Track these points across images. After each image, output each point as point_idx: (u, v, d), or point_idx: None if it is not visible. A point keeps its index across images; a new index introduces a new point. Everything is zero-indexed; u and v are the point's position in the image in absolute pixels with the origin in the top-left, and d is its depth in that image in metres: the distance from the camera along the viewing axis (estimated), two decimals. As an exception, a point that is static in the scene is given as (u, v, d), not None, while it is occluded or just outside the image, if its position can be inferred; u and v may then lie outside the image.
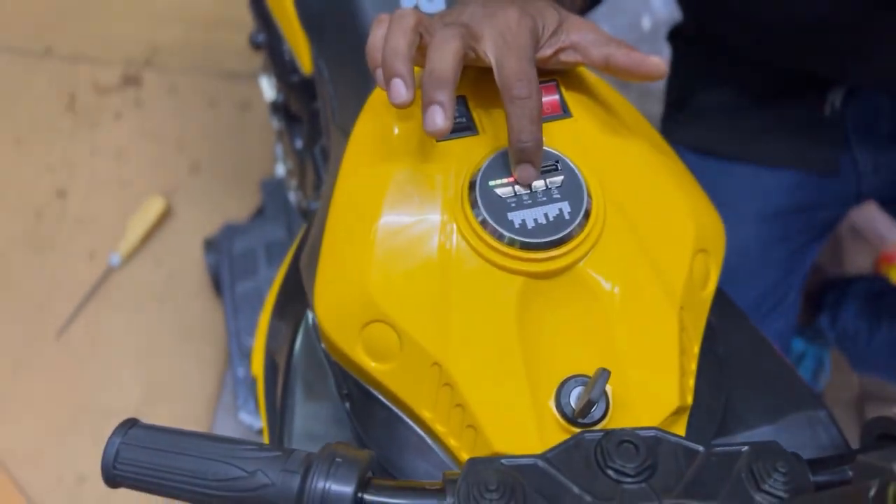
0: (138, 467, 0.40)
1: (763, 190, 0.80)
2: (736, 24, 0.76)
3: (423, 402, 0.45)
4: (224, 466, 0.39)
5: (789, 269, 0.82)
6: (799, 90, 0.80)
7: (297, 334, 0.59)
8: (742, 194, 0.81)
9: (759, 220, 0.80)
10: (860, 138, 0.80)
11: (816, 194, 0.81)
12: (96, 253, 1.19)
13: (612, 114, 0.52)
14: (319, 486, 0.37)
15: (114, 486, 0.41)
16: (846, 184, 0.81)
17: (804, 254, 0.83)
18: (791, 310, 0.82)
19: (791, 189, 0.80)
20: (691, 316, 0.48)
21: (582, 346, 0.45)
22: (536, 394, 0.43)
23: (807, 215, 0.82)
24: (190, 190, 1.26)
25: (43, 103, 1.30)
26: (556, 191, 0.45)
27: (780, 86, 0.81)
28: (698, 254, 0.49)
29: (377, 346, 0.46)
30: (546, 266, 0.44)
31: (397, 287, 0.45)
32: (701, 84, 0.86)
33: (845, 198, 0.83)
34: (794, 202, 0.80)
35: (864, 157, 0.80)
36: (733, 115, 0.83)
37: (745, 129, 0.82)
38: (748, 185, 0.81)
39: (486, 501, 0.36)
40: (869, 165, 0.80)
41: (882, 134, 0.79)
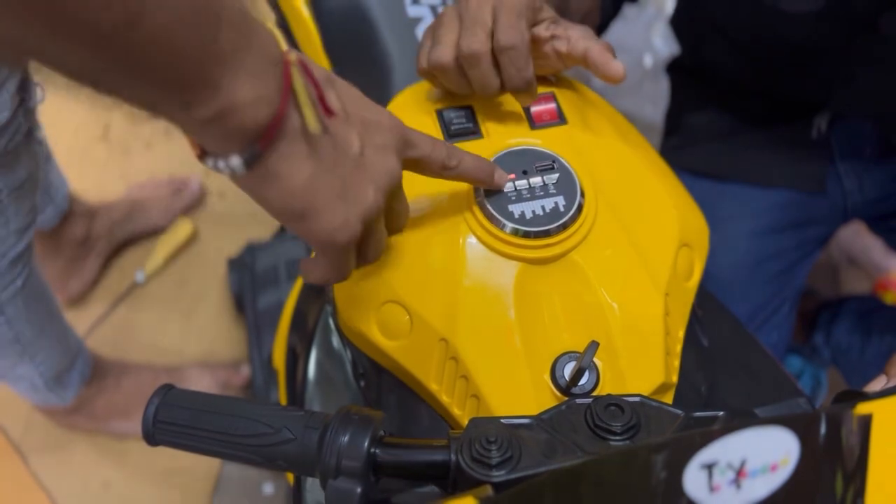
0: (174, 426, 0.44)
1: (755, 208, 0.85)
2: (726, 51, 0.82)
3: (431, 375, 0.49)
4: (252, 423, 0.43)
5: (782, 283, 0.86)
6: (787, 115, 0.86)
7: (316, 327, 0.64)
8: (735, 212, 0.86)
9: (752, 237, 0.85)
10: (845, 159, 0.85)
11: (806, 212, 0.86)
12: (124, 271, 1.25)
13: (603, 122, 0.57)
14: (337, 441, 0.40)
15: (153, 443, 0.45)
16: (834, 201, 0.86)
17: (796, 269, 0.87)
18: (785, 323, 0.86)
19: (781, 207, 0.85)
20: (676, 303, 0.52)
21: (575, 327, 0.49)
22: (533, 367, 0.48)
23: (797, 232, 0.86)
24: (215, 214, 1.32)
25: (80, 134, 1.38)
26: (552, 187, 0.51)
27: (769, 111, 0.87)
28: (682, 247, 0.54)
29: (390, 325, 0.50)
30: (542, 253, 0.49)
31: (409, 271, 0.50)
32: (696, 111, 0.92)
33: (833, 215, 0.87)
34: (784, 220, 0.85)
35: (850, 176, 0.85)
36: (726, 138, 0.89)
37: (737, 151, 0.88)
38: (741, 204, 0.86)
39: (486, 451, 0.40)
40: (854, 184, 0.85)
41: (866, 155, 0.84)
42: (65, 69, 0.29)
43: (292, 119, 0.35)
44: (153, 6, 0.28)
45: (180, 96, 0.32)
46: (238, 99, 0.33)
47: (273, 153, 0.35)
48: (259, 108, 0.34)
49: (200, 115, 0.33)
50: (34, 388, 0.92)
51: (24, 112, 0.65)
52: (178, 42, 0.29)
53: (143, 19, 0.27)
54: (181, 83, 0.31)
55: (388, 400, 0.54)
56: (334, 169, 0.38)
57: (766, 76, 0.81)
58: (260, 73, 0.34)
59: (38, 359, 0.86)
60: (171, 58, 0.30)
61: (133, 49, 0.28)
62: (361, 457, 0.40)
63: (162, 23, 0.28)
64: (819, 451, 0.34)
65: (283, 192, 0.37)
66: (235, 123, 0.33)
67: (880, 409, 0.37)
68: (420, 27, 0.70)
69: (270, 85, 0.34)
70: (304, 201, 0.38)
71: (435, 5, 0.71)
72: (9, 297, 0.76)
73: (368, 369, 0.55)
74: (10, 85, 0.62)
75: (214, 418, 0.44)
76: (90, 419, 1.05)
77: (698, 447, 0.32)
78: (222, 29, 0.31)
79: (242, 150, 0.35)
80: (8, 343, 0.81)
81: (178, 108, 0.32)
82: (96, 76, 0.30)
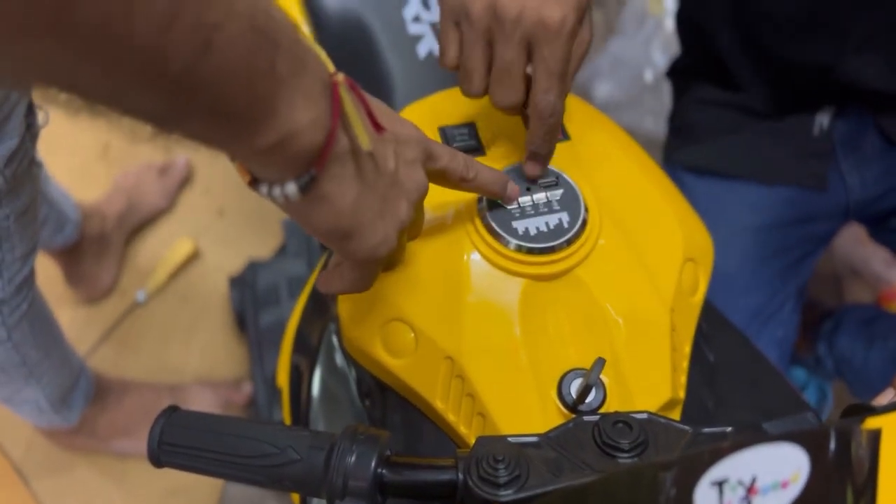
0: (180, 447, 0.44)
1: (758, 205, 0.86)
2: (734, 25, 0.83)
3: (437, 393, 0.49)
4: (257, 444, 0.43)
5: (786, 279, 0.87)
6: (790, 112, 0.87)
7: (319, 346, 0.64)
8: (739, 209, 0.87)
9: (756, 233, 0.86)
10: (847, 156, 0.86)
11: (808, 208, 0.87)
12: (126, 291, 1.25)
13: (606, 137, 0.57)
14: (343, 461, 0.40)
15: (159, 465, 0.45)
16: (836, 198, 0.87)
17: (800, 265, 0.88)
18: (790, 319, 0.87)
19: (785, 203, 0.86)
20: (682, 319, 0.52)
21: (581, 343, 0.49)
22: (540, 384, 0.47)
23: (801, 228, 0.87)
24: (216, 232, 1.32)
25: (79, 153, 1.38)
26: (556, 203, 0.51)
27: (771, 108, 0.88)
28: (687, 262, 0.54)
29: (395, 343, 0.50)
30: (547, 269, 0.49)
31: (413, 289, 0.50)
32: (698, 110, 0.93)
33: (836, 211, 0.88)
34: (788, 216, 0.86)
35: (851, 172, 0.86)
36: (729, 136, 0.90)
37: (740, 149, 0.89)
38: (745, 201, 0.87)
39: (493, 470, 0.39)
40: (856, 180, 0.86)
41: (866, 151, 0.85)
42: (133, 112, 0.29)
43: (341, 141, 0.36)
44: (218, 37, 0.27)
45: (243, 127, 0.32)
46: (295, 124, 0.33)
47: (326, 176, 0.36)
48: (315, 131, 0.34)
49: (261, 143, 0.32)
50: (40, 410, 0.91)
51: (30, 137, 0.65)
52: (242, 71, 0.29)
53: (210, 52, 0.27)
54: (244, 114, 0.31)
55: (394, 419, 0.53)
56: (376, 187, 0.39)
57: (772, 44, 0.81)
58: (314, 95, 0.33)
59: (43, 381, 0.86)
60: (235, 88, 0.30)
61: (201, 83, 0.28)
62: (368, 477, 0.40)
63: (225, 53, 0.28)
64: (829, 466, 0.34)
65: (331, 213, 0.37)
66: (295, 149, 0.33)
67: (889, 423, 0.37)
68: (421, 45, 0.71)
69: (322, 107, 0.34)
70: (351, 221, 0.38)
71: (435, 22, 0.72)
72: (15, 322, 0.76)
73: (373, 388, 0.55)
74: (19, 110, 0.62)
75: (219, 439, 0.44)
76: (92, 439, 1.05)
77: (708, 465, 0.32)
78: (280, 54, 0.31)
79: (299, 176, 0.35)
80: (15, 367, 0.81)
81: (240, 139, 0.32)
82: (164, 116, 0.30)
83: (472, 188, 0.47)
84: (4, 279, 0.71)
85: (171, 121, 0.31)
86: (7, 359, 0.79)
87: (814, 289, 1.27)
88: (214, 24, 0.27)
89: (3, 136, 0.61)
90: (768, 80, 0.85)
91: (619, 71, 1.39)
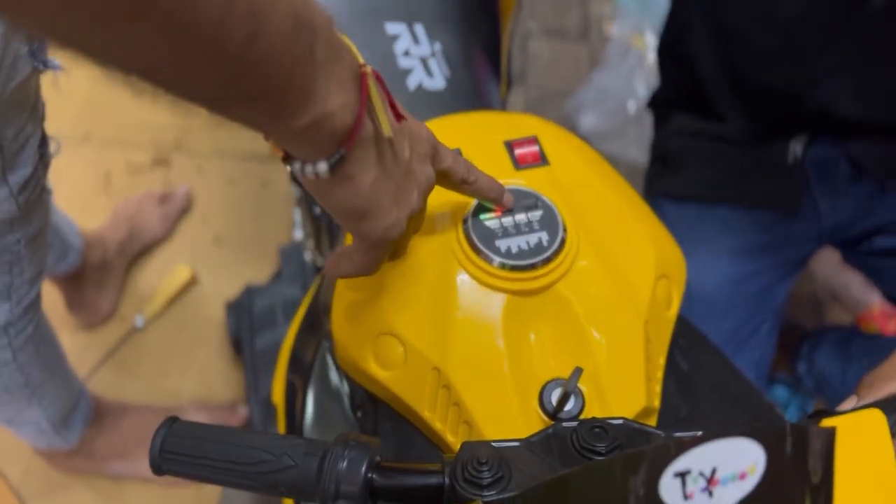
0: (180, 455, 0.46)
1: (736, 229, 0.90)
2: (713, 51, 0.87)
3: (424, 403, 0.51)
4: (254, 452, 0.45)
5: (763, 301, 0.90)
6: (765, 140, 0.91)
7: (314, 364, 0.67)
8: (717, 234, 0.91)
9: (734, 256, 0.89)
10: (819, 182, 0.90)
11: (783, 233, 0.90)
12: (125, 316, 1.27)
13: (584, 163, 0.61)
14: (336, 467, 0.42)
15: (160, 473, 0.47)
16: (809, 222, 0.91)
17: (775, 288, 0.92)
18: (767, 340, 0.90)
19: (761, 228, 0.90)
20: (656, 331, 0.55)
21: (561, 355, 0.51)
22: (522, 393, 0.50)
23: (776, 252, 0.91)
24: (213, 259, 1.35)
25: (82, 182, 1.41)
26: (536, 223, 0.54)
27: (747, 137, 0.92)
28: (661, 279, 0.57)
29: (385, 356, 0.53)
30: (528, 285, 0.52)
31: (403, 305, 0.53)
32: (678, 140, 0.97)
33: (809, 235, 0.92)
34: (763, 240, 0.90)
35: (823, 198, 0.90)
36: (707, 164, 0.94)
37: (717, 176, 0.93)
38: (722, 226, 0.91)
39: (478, 473, 0.41)
40: (828, 206, 0.90)
41: (837, 178, 0.89)
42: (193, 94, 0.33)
43: (367, 126, 0.39)
44: (266, 23, 0.31)
45: (284, 108, 0.35)
46: (329, 106, 0.36)
47: (351, 156, 0.39)
48: (345, 114, 0.37)
49: (299, 124, 0.36)
50: (40, 431, 0.93)
51: (42, 166, 0.69)
52: (286, 55, 0.33)
53: (259, 36, 0.31)
54: (285, 95, 0.34)
55: (384, 429, 0.56)
56: (392, 173, 0.43)
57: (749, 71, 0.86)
58: (346, 81, 0.37)
59: (45, 402, 0.88)
60: (279, 70, 0.33)
61: (251, 65, 0.32)
62: (359, 481, 0.42)
63: (272, 38, 0.32)
64: (785, 461, 0.36)
65: (352, 193, 0.41)
66: (328, 130, 0.37)
67: (844, 423, 0.40)
68: (410, 78, 0.74)
69: (352, 93, 0.38)
70: (368, 201, 0.42)
71: (425, 56, 0.76)
72: (21, 344, 0.78)
73: (365, 401, 0.57)
74: (34, 141, 0.65)
75: (218, 447, 0.46)
76: (89, 461, 1.06)
77: (672, 457, 0.35)
78: (318, 42, 0.35)
79: (330, 156, 0.38)
80: (18, 388, 0.83)
81: (280, 119, 0.36)
82: (218, 96, 0.33)
83: (471, 191, 0.51)
84: (13, 301, 0.74)
85: (224, 100, 0.34)
86: (12, 380, 0.81)
87: (795, 311, 1.30)
88: (263, 11, 0.31)
89: (18, 165, 0.64)
90: (745, 108, 0.89)
91: (603, 102, 1.44)
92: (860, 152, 0.86)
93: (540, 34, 1.75)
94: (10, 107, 0.60)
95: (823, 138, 0.89)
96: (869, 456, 0.40)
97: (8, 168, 0.64)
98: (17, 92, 0.60)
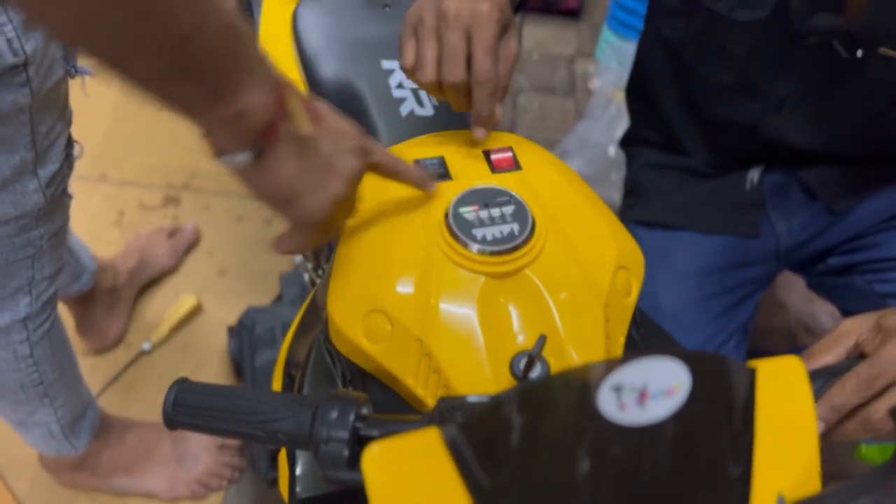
0: (189, 408, 0.53)
1: (700, 251, 0.97)
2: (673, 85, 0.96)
3: (408, 371, 0.58)
4: (257, 404, 0.52)
5: (729, 317, 0.96)
6: (725, 170, 0.99)
7: (309, 356, 0.73)
8: (684, 256, 0.98)
9: (699, 276, 0.96)
10: (775, 206, 0.98)
11: (744, 254, 0.97)
12: (131, 343, 1.34)
13: (553, 169, 0.69)
14: (327, 416, 0.48)
15: (172, 426, 0.54)
16: (768, 244, 0.98)
17: (741, 304, 0.98)
18: (735, 354, 0.96)
19: (723, 250, 0.97)
20: (615, 313, 0.62)
21: (529, 329, 0.58)
22: (495, 362, 0.56)
23: (738, 271, 0.98)
24: (218, 290, 1.42)
25: (97, 218, 1.50)
26: (509, 216, 0.61)
27: (709, 168, 1.01)
28: (620, 269, 0.64)
29: (374, 331, 0.59)
30: (501, 268, 0.59)
31: (389, 286, 0.60)
32: (647, 173, 1.06)
33: (768, 256, 0.99)
34: (726, 261, 0.97)
35: (780, 221, 0.98)
36: (673, 194, 1.02)
37: (683, 203, 1.01)
38: (688, 248, 0.98)
39: (451, 416, 0.48)
40: (783, 228, 0.98)
41: (791, 203, 0.97)
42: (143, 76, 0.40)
43: (285, 125, 0.47)
44: (205, 22, 0.40)
45: (213, 97, 0.43)
46: (251, 102, 0.44)
47: (271, 151, 0.47)
48: (265, 112, 0.45)
49: (225, 113, 0.44)
50: (50, 434, 0.98)
51: (67, 166, 0.77)
52: (218, 51, 0.41)
53: (201, 31, 0.40)
54: (216, 86, 0.43)
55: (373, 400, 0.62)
56: (313, 165, 0.50)
57: (708, 104, 0.95)
58: (266, 87, 0.45)
59: (57, 402, 0.93)
60: (213, 63, 0.42)
61: (192, 55, 0.40)
62: (348, 427, 0.48)
63: (209, 35, 0.41)
64: (709, 385, 0.43)
65: (275, 182, 0.49)
66: (249, 123, 0.45)
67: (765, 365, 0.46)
68: (403, 106, 0.83)
69: (272, 98, 0.46)
70: (290, 189, 0.50)
71: (416, 88, 0.85)
72: (38, 339, 0.85)
73: (356, 375, 0.64)
74: (62, 140, 0.74)
75: (223, 402, 0.52)
76: (93, 476, 1.10)
77: (607, 372, 0.41)
78: (243, 47, 0.43)
79: (251, 146, 0.46)
80: (33, 386, 0.89)
81: (210, 106, 0.43)
82: (162, 79, 0.41)
83: (401, 179, 0.61)
84: (33, 296, 0.81)
85: (169, 80, 0.41)
86: (27, 376, 0.87)
87: (770, 343, 1.37)
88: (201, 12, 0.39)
89: (48, 160, 0.72)
90: (706, 139, 0.98)
91: (586, 150, 1.54)
92: (810, 178, 0.94)
93: (529, 90, 1.87)
94: (45, 105, 0.69)
95: (778, 166, 0.97)
96: (787, 392, 0.45)
97: (39, 162, 0.72)
98: (51, 92, 0.69)
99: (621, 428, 0.40)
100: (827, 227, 0.96)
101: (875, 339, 0.54)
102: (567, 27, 2.02)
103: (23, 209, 0.73)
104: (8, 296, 0.81)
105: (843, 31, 0.77)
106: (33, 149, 0.70)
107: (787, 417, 0.44)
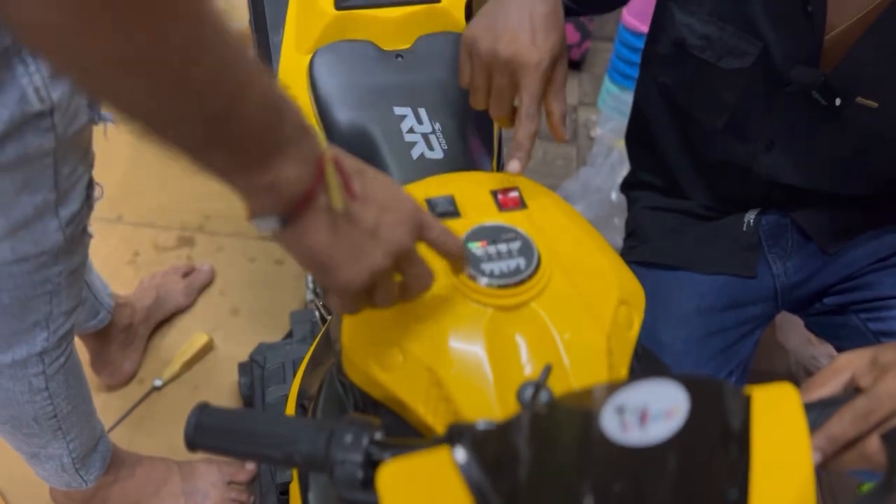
0: (210, 431, 0.55)
1: (700, 292, 1.00)
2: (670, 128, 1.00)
3: (418, 399, 0.60)
4: (274, 428, 0.54)
5: (729, 355, 0.98)
6: (723, 213, 1.02)
7: (323, 384, 0.75)
8: (683, 296, 1.00)
9: (699, 316, 0.98)
10: (771, 247, 1.01)
11: (742, 294, 1.00)
12: (143, 379, 1.36)
13: (557, 209, 0.72)
14: (342, 441, 0.50)
15: (193, 449, 0.56)
16: (765, 284, 1.01)
17: (739, 345, 1.00)
18: None
19: (722, 290, 0.99)
20: (618, 345, 0.64)
21: (535, 360, 0.61)
22: (501, 391, 0.59)
23: (737, 311, 1.00)
24: (229, 328, 1.45)
25: (112, 258, 1.54)
26: (516, 252, 0.65)
27: (708, 211, 1.04)
28: (622, 304, 0.67)
29: (386, 361, 0.62)
30: (508, 301, 0.62)
31: (402, 318, 0.63)
32: (647, 216, 1.09)
33: (766, 296, 1.02)
34: (725, 300, 0.99)
35: (776, 262, 1.01)
36: (673, 235, 1.05)
37: (682, 245, 1.04)
38: (688, 288, 1.00)
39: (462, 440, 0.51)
40: (780, 269, 1.01)
41: (787, 244, 1.00)
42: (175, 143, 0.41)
43: (321, 199, 0.48)
44: (244, 97, 0.42)
45: (247, 166, 0.44)
46: (285, 174, 0.45)
47: (302, 220, 0.47)
48: (298, 185, 0.46)
49: (259, 181, 0.45)
50: (62, 468, 0.99)
51: (87, 206, 0.80)
52: (255, 125, 0.42)
53: (238, 107, 0.41)
54: (250, 157, 0.44)
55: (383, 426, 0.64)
56: (349, 237, 0.50)
57: (704, 147, 0.98)
58: (303, 160, 0.46)
59: (70, 436, 0.95)
60: (248, 135, 0.43)
61: (226, 130, 0.41)
62: (362, 450, 0.50)
63: (247, 109, 0.43)
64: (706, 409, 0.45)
65: (306, 249, 0.49)
66: (280, 193, 0.46)
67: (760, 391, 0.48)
68: (414, 149, 0.87)
69: (308, 171, 0.46)
70: (324, 258, 0.50)
71: (427, 133, 0.89)
72: (53, 372, 0.87)
73: (367, 403, 0.66)
74: (83, 182, 0.77)
75: (243, 425, 0.54)
76: (103, 511, 1.11)
77: (610, 394, 0.44)
78: (285, 122, 0.44)
79: (281, 214, 0.47)
80: (46, 418, 0.90)
81: (243, 174, 0.46)
82: (196, 148, 0.42)
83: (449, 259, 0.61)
84: (50, 330, 0.83)
85: (203, 148, 0.42)
86: (42, 409, 0.89)
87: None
88: (241, 90, 0.41)
89: (69, 200, 0.76)
90: (704, 181, 1.01)
91: (589, 195, 1.59)
92: (805, 220, 0.98)
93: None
94: (68, 148, 0.72)
95: (774, 209, 1.00)
96: (782, 418, 0.47)
97: (61, 202, 0.75)
98: (75, 136, 0.72)
99: (624, 449, 0.42)
100: (822, 267, 0.99)
101: (871, 374, 0.56)
102: (570, 78, 2.08)
103: (42, 247, 0.75)
104: (25, 330, 0.83)
105: (822, 82, 0.81)
106: (55, 190, 0.73)
107: (783, 443, 0.45)
